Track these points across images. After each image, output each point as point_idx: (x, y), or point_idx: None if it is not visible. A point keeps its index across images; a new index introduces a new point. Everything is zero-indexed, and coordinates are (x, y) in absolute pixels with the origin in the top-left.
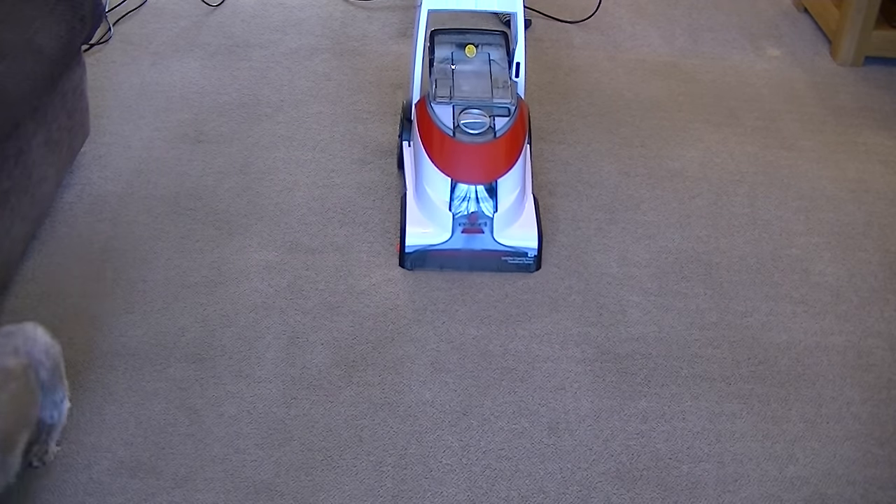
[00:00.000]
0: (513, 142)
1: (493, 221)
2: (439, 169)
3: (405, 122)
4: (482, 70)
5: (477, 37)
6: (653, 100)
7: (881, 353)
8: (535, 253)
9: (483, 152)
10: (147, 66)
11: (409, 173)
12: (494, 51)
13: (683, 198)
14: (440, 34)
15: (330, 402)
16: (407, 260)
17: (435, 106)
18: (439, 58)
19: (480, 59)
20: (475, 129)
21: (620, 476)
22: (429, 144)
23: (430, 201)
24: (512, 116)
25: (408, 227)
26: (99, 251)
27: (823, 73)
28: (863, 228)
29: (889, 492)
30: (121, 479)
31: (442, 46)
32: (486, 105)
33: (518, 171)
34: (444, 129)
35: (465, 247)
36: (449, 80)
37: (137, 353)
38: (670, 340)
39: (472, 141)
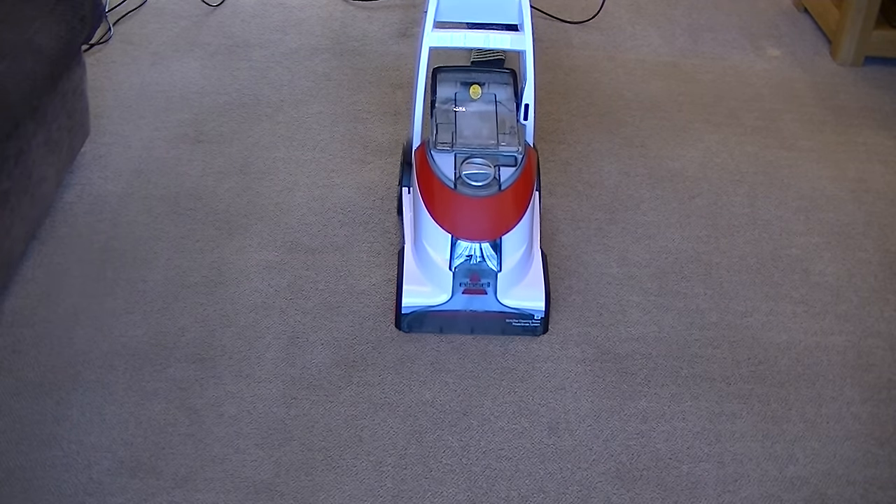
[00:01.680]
0: (519, 195)
1: (496, 281)
2: (439, 224)
3: (405, 167)
4: (488, 113)
5: (483, 75)
6: (653, 100)
7: (881, 353)
8: (542, 315)
9: (486, 207)
10: (147, 66)
11: (408, 225)
12: (501, 90)
13: (683, 198)
14: (443, 72)
15: (330, 402)
16: (403, 321)
17: (435, 154)
18: (441, 98)
19: (486, 101)
20: (478, 180)
21: (620, 476)
22: (428, 197)
23: (429, 258)
24: (519, 166)
25: (405, 285)
26: (99, 251)
27: (823, 73)
28: (863, 228)
29: (889, 492)
30: (121, 479)
31: (445, 85)
32: (490, 154)
33: (525, 226)
34: (445, 181)
35: (466, 308)
36: (451, 125)
37: (137, 353)
38: (670, 340)
39: (474, 194)
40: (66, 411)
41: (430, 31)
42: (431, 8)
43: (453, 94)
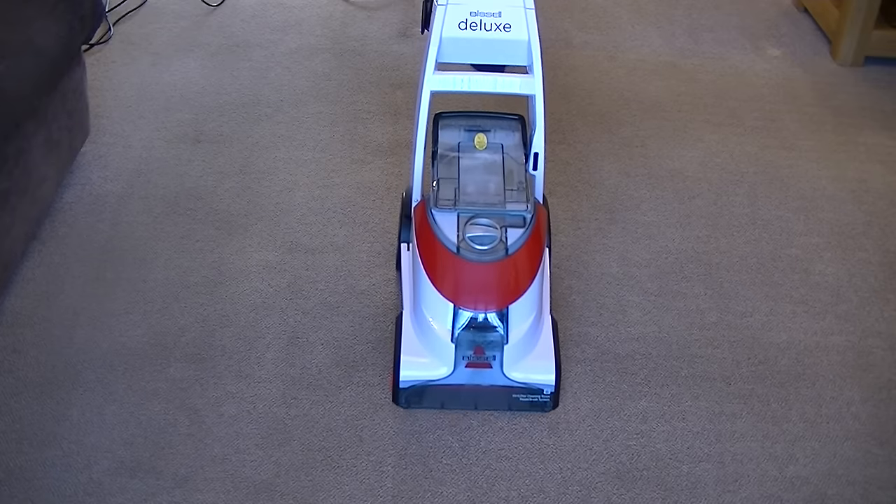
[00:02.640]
0: (528, 260)
1: (503, 353)
2: (440, 292)
3: (403, 220)
4: (494, 164)
5: (488, 121)
6: (653, 100)
7: (881, 353)
8: (552, 390)
9: (492, 273)
10: (147, 66)
11: (407, 287)
12: (508, 138)
13: (683, 198)
14: (445, 118)
15: (330, 402)
16: (401, 396)
17: (436, 213)
18: (444, 147)
19: (492, 151)
20: (483, 244)
21: (620, 476)
22: (428, 261)
23: (430, 328)
24: (528, 227)
25: (403, 357)
26: (99, 251)
27: (823, 73)
28: (863, 228)
29: (889, 492)
30: (121, 479)
31: (447, 133)
32: (497, 213)
33: (534, 293)
34: (447, 244)
35: (470, 382)
36: (454, 180)
37: (137, 353)
38: (670, 340)
39: (479, 259)
40: (66, 411)
41: (432, 73)
42: (433, 48)
43: (456, 144)
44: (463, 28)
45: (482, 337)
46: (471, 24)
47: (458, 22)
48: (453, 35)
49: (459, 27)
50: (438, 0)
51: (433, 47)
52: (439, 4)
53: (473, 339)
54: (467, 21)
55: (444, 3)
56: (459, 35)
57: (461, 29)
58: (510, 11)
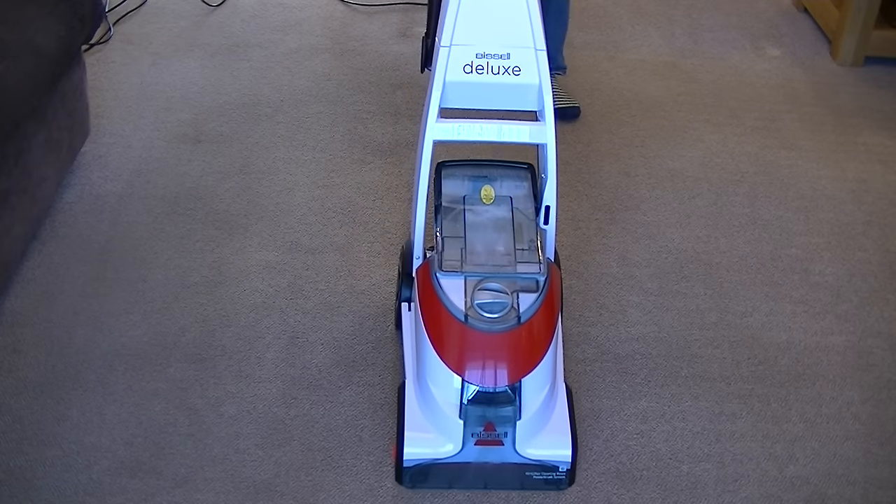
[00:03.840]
0: (542, 327)
1: (515, 429)
2: (446, 364)
3: (403, 277)
4: (503, 221)
5: (495, 170)
6: (653, 100)
7: (881, 353)
8: (568, 466)
9: (504, 344)
10: (147, 66)
11: (409, 353)
12: (517, 189)
13: (683, 198)
14: (448, 167)
15: (330, 402)
16: (405, 475)
17: (441, 277)
18: (448, 200)
19: (500, 205)
20: (493, 312)
21: (620, 476)
22: (433, 330)
23: (435, 402)
24: (541, 292)
25: (406, 433)
26: (99, 251)
27: (823, 73)
28: (863, 228)
29: (889, 492)
30: (121, 479)
31: (451, 184)
32: (507, 277)
33: (548, 363)
34: (453, 311)
35: (479, 460)
36: (459, 240)
37: (137, 353)
38: (670, 340)
39: (489, 329)
40: (66, 411)
41: (434, 121)
42: (435, 94)
43: (461, 196)
44: (468, 72)
45: (493, 412)
46: (477, 68)
47: (462, 65)
48: (458, 79)
49: (464, 70)
50: (441, 41)
51: (436, 93)
52: (442, 46)
53: (483, 414)
54: (473, 64)
55: (448, 45)
56: (464, 79)
57: (466, 73)
58: (519, 53)
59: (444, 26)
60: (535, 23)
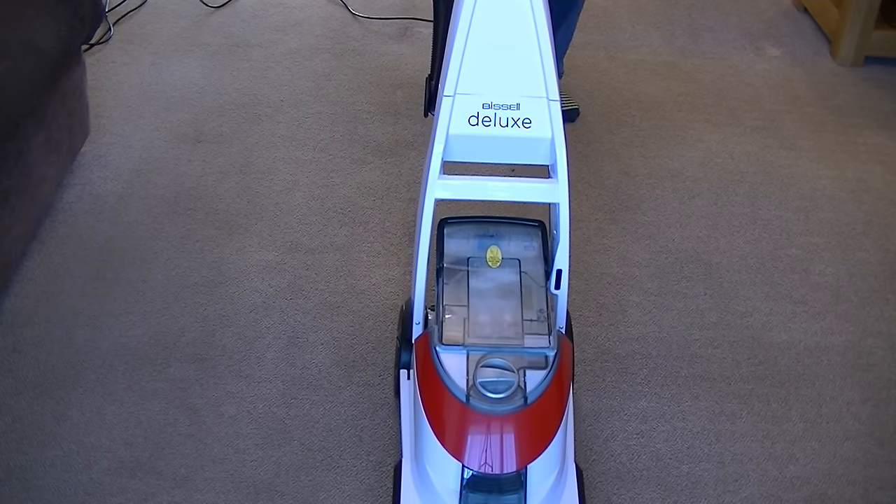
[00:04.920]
0: (551, 408)
1: None
2: (446, 450)
3: (402, 342)
4: (510, 288)
5: (502, 228)
6: (653, 100)
7: (881, 353)
8: None
9: (509, 427)
10: (147, 66)
11: (406, 430)
12: (526, 250)
13: (683, 198)
14: (451, 225)
15: (330, 402)
16: None
17: (441, 352)
18: (450, 262)
19: (507, 268)
20: (498, 391)
21: (620, 476)
22: (432, 410)
23: (433, 487)
24: (551, 369)
25: None
26: (99, 251)
27: (823, 73)
28: (863, 228)
29: (889, 492)
30: (121, 479)
31: (454, 243)
32: (514, 352)
33: (557, 447)
34: (453, 390)
35: None
36: (462, 310)
37: (137, 353)
38: (670, 340)
39: (492, 410)
40: (66, 411)
41: (437, 178)
42: (437, 148)
43: (465, 258)
44: (474, 124)
45: (496, 500)
46: (483, 119)
47: (467, 116)
48: (462, 132)
49: (469, 122)
50: (444, 90)
51: (438, 146)
52: (445, 96)
53: (485, 502)
54: (479, 115)
55: (452, 95)
56: (469, 132)
57: (471, 125)
58: (530, 104)
59: (447, 73)
60: (548, 70)
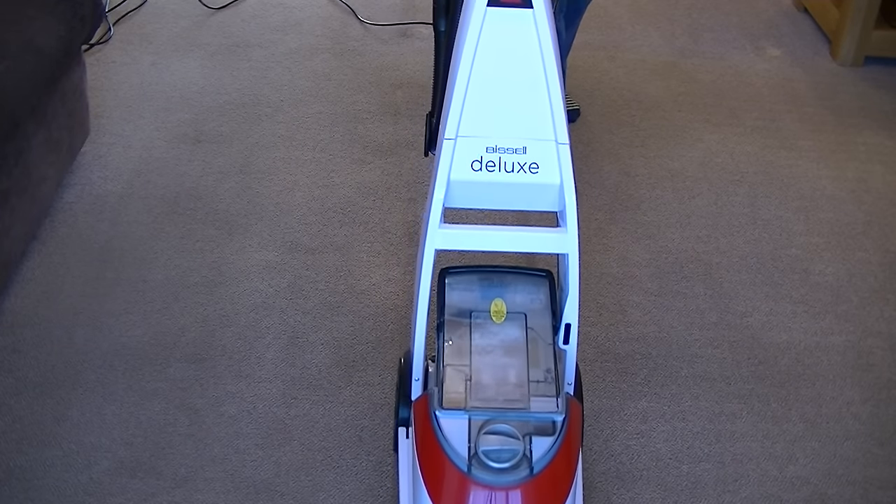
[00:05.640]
0: (559, 478)
1: None
2: None
3: (401, 397)
4: (515, 346)
5: (507, 278)
6: (653, 100)
7: (881, 353)
8: None
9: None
10: (147, 66)
11: (405, 495)
12: (533, 302)
13: (683, 198)
14: (453, 275)
15: (330, 402)
16: None
17: (441, 417)
18: (452, 315)
19: (512, 324)
20: (502, 460)
21: (620, 476)
22: (431, 479)
23: None
24: (559, 435)
25: None
26: (99, 251)
27: (823, 73)
28: (863, 228)
29: (889, 492)
30: (121, 479)
31: (456, 295)
32: (519, 418)
33: None
34: (454, 459)
35: None
36: (463, 370)
37: (137, 353)
38: (670, 340)
39: (496, 482)
40: (66, 411)
41: (437, 227)
42: (438, 194)
43: (468, 312)
44: (477, 169)
45: None
46: (487, 164)
47: (470, 161)
48: (464, 178)
49: (472, 167)
50: (446, 132)
51: (438, 193)
52: (447, 139)
53: None
54: (482, 160)
55: (453, 138)
56: (472, 178)
57: (474, 170)
58: (538, 147)
59: (448, 114)
60: (557, 111)
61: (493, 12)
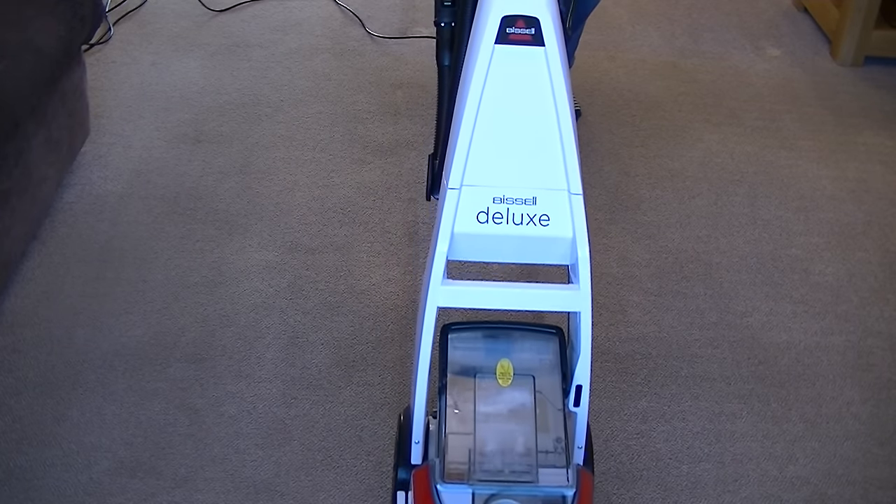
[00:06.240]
0: None
1: None
2: None
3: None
4: (522, 411)
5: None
6: (653, 100)
7: (881, 353)
8: None
9: None
10: (147, 66)
11: None
12: (542, 362)
13: (683, 198)
14: (456, 331)
15: (330, 402)
16: None
17: (443, 491)
18: (454, 376)
19: (519, 386)
20: None
21: (620, 476)
22: None
23: None
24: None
25: None
26: (99, 251)
27: (823, 73)
28: (863, 228)
29: (889, 492)
30: (121, 479)
31: (459, 354)
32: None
33: None
34: None
35: None
36: (467, 438)
37: (137, 353)
38: (670, 340)
39: None
40: (66, 411)
41: (440, 283)
42: (441, 247)
43: (472, 373)
44: (483, 221)
45: None
46: (494, 216)
47: (475, 212)
48: (469, 231)
49: (478, 219)
50: (449, 180)
51: (441, 246)
52: (450, 188)
53: None
54: (489, 211)
55: (457, 187)
56: (477, 230)
57: (480, 222)
58: (549, 198)
59: (452, 160)
60: (570, 158)
61: (502, 50)
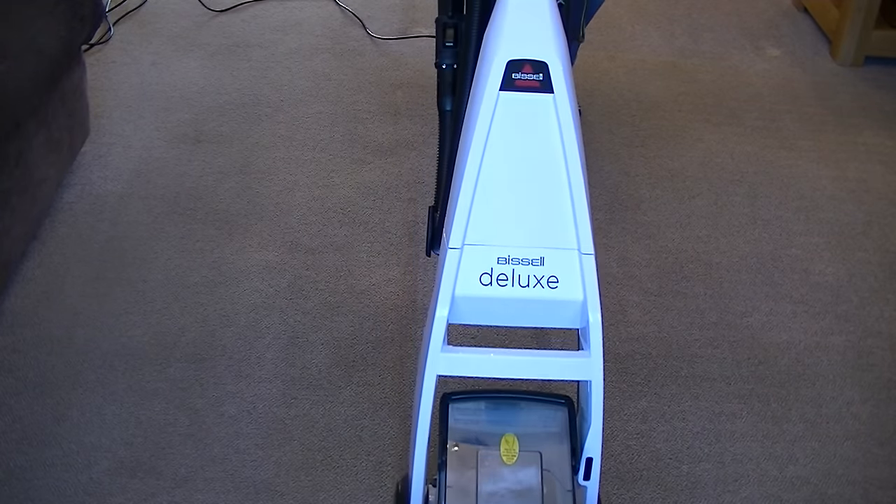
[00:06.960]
0: None
1: None
2: None
3: None
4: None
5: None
6: (653, 100)
7: (881, 353)
8: None
9: None
10: (147, 66)
11: None
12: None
13: (683, 198)
14: (457, 402)
15: (330, 402)
16: None
17: None
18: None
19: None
20: None
21: (620, 476)
22: None
23: None
24: None
25: None
26: (99, 251)
27: (823, 73)
28: (863, 228)
29: (889, 492)
30: (121, 479)
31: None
32: None
33: None
34: None
35: None
36: None
37: (137, 353)
38: (670, 340)
39: None
40: (66, 411)
41: (439, 350)
42: (441, 312)
43: (474, 449)
44: (486, 283)
45: None
46: (498, 278)
47: (478, 274)
48: (471, 293)
49: (481, 281)
50: (450, 240)
51: (441, 309)
52: (451, 248)
53: None
54: (492, 272)
55: (459, 247)
56: (480, 293)
57: (483, 284)
58: (558, 258)
59: (453, 217)
60: (581, 215)
61: (507, 97)
